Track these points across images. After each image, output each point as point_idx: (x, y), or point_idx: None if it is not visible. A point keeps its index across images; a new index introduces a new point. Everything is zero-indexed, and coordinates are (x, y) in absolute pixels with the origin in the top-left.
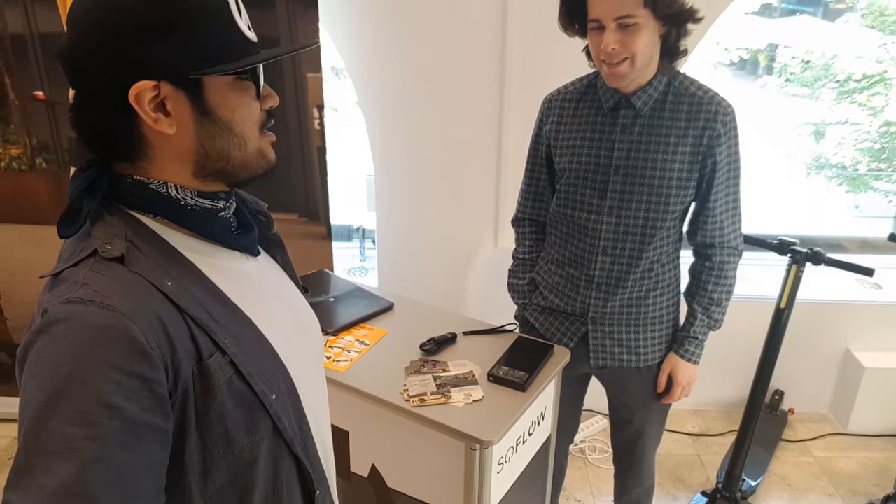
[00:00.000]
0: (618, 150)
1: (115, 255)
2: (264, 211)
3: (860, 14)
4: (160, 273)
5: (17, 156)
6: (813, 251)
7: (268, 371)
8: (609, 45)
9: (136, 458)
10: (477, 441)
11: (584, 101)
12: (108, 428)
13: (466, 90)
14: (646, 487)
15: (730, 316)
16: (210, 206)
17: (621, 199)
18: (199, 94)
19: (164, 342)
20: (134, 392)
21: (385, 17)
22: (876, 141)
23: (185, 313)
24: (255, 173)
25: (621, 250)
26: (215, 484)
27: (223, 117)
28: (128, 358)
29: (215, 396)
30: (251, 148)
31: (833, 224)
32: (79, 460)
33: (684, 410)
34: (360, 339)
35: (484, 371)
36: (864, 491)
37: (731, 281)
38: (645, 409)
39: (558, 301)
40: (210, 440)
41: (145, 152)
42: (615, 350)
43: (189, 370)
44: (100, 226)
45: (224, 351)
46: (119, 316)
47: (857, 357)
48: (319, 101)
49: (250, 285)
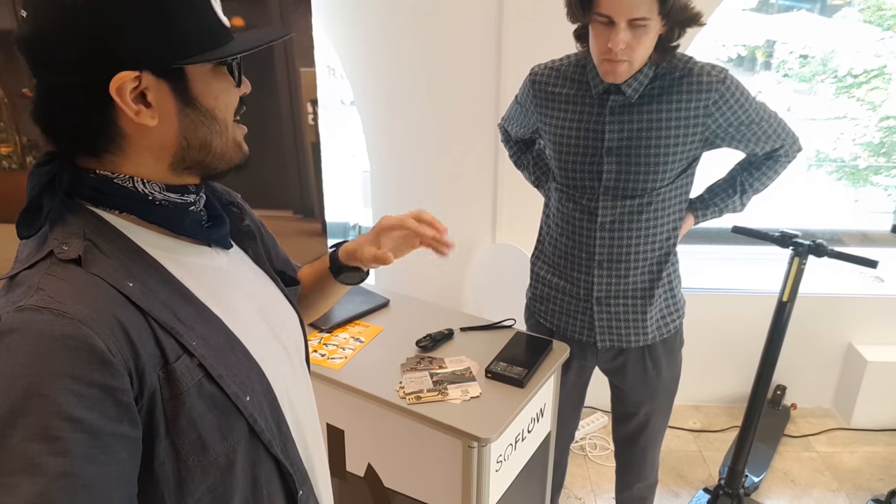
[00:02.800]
0: (608, 132)
1: (72, 256)
2: (236, 202)
3: (858, 9)
4: (121, 274)
5: (6, 154)
6: (815, 243)
7: (240, 372)
8: (619, 44)
9: (104, 469)
10: (475, 439)
11: (572, 81)
12: (71, 441)
13: (463, 86)
14: (649, 483)
15: (731, 310)
16: (179, 201)
17: (616, 178)
18: (183, 83)
19: (125, 348)
20: (97, 402)
21: (382, 15)
22: (874, 135)
23: (148, 316)
24: (231, 163)
25: (619, 226)
26: (193, 495)
27: (207, 105)
28: (87, 367)
29: (184, 401)
30: (229, 137)
31: (833, 218)
32: (43, 477)
33: (686, 406)
34: (355, 337)
35: (481, 367)
36: (868, 486)
37: (779, 174)
38: (651, 402)
39: (562, 282)
40: (183, 448)
41: (119, 146)
42: (621, 330)
43: (154, 375)
44: (57, 225)
45: (192, 353)
46: (76, 323)
47: (859, 351)
48: (313, 96)
49: (220, 282)
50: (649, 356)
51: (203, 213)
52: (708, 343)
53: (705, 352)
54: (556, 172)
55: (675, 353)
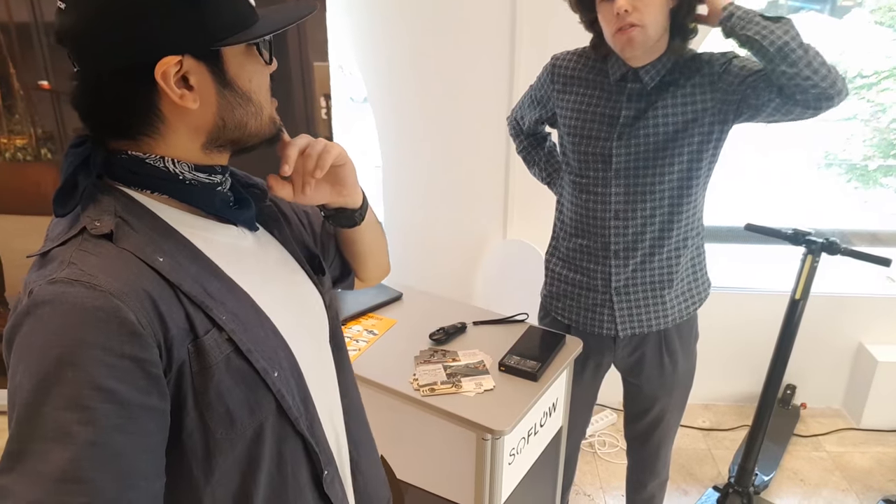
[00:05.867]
0: (623, 117)
1: (104, 231)
2: (257, 184)
3: (868, 11)
4: (152, 249)
5: (21, 146)
6: (828, 241)
7: (268, 347)
8: (622, 6)
9: (133, 439)
10: (489, 431)
11: (592, 68)
12: (102, 411)
13: (475, 82)
14: (661, 480)
15: (742, 309)
16: (207, 181)
17: (627, 163)
18: (220, 65)
19: (155, 321)
20: (127, 374)
21: (395, 11)
22: (885, 136)
23: (178, 290)
24: (264, 138)
25: (633, 213)
26: (220, 466)
27: (242, 87)
28: (118, 339)
29: (213, 374)
30: (265, 116)
31: (842, 219)
32: (74, 445)
33: (695, 405)
34: (368, 329)
35: (495, 361)
36: (879, 486)
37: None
38: (667, 397)
39: (578, 277)
40: (211, 420)
41: (157, 128)
42: (643, 317)
43: (184, 348)
44: (90, 204)
45: (221, 327)
46: (107, 296)
47: (870, 351)
48: (326, 91)
49: (248, 261)
50: (666, 348)
51: (230, 194)
52: (719, 342)
53: (716, 350)
54: (571, 158)
55: (691, 345)
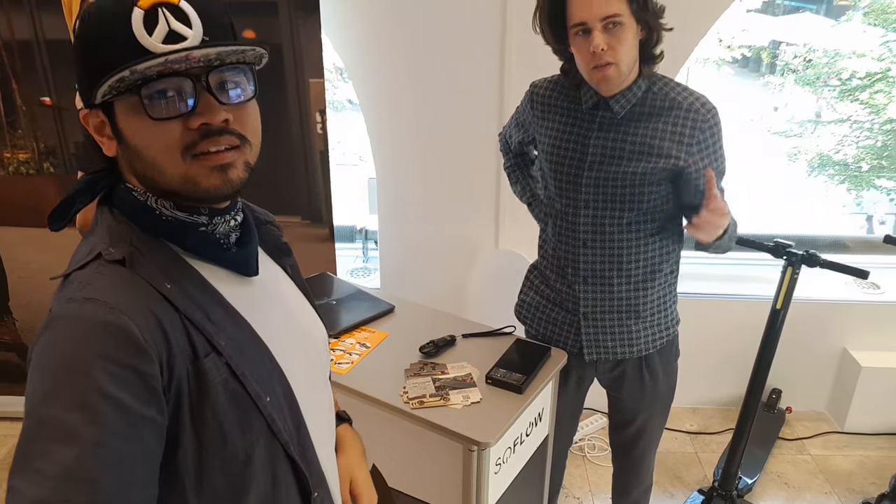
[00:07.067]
0: (592, 146)
1: (118, 257)
2: (273, 221)
3: (863, 12)
4: (161, 276)
5: (24, 160)
6: (808, 253)
7: (263, 373)
8: (599, 46)
9: (133, 446)
10: (475, 443)
11: (567, 96)
12: (106, 415)
13: (467, 92)
14: (645, 487)
15: (729, 315)
16: (188, 220)
17: (595, 193)
18: (113, 118)
19: (159, 339)
20: (130, 384)
21: (385, 19)
22: (877, 138)
23: (182, 314)
24: (206, 198)
25: (601, 243)
26: (211, 484)
27: (131, 142)
28: (124, 351)
29: (210, 395)
30: (171, 174)
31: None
32: (79, 445)
33: (683, 409)
34: (361, 342)
35: (482, 373)
36: (861, 489)
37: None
38: (647, 410)
39: (552, 294)
40: (205, 438)
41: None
42: (608, 343)
43: (184, 369)
44: (107, 231)
45: (220, 352)
46: (116, 312)
47: (854, 356)
48: (321, 106)
49: (253, 292)
50: (646, 367)
51: (228, 236)
52: (705, 346)
53: (703, 355)
54: (549, 182)
55: (672, 363)
